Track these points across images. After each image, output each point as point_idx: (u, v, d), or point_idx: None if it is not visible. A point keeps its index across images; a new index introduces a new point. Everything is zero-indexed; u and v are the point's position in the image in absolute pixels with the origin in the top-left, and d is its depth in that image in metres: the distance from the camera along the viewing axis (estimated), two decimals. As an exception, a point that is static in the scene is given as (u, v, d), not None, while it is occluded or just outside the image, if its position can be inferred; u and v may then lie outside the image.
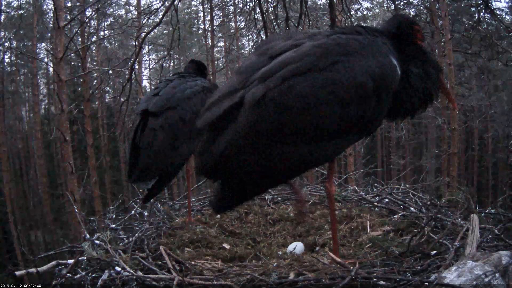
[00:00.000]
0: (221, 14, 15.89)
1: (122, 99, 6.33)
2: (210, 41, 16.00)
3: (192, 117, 2.81)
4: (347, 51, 1.96)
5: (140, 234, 2.88)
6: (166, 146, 2.80)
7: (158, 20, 5.91)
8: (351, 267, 2.01)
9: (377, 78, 1.95)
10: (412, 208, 3.18)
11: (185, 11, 20.32)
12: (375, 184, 3.87)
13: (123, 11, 17.67)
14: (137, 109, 3.13)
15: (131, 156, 2.90)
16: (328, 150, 2.00)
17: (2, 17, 15.16)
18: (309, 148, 1.94)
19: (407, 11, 13.32)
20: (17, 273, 2.54)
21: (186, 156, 3.02)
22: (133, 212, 3.39)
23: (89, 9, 10.45)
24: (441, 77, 2.29)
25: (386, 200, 3.49)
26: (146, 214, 3.39)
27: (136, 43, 6.16)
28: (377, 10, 18.31)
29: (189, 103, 2.89)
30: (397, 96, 2.11)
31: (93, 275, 2.29)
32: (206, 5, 16.41)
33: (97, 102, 17.98)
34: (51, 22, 13.62)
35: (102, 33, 15.17)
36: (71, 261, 2.51)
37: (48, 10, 15.59)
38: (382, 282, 1.90)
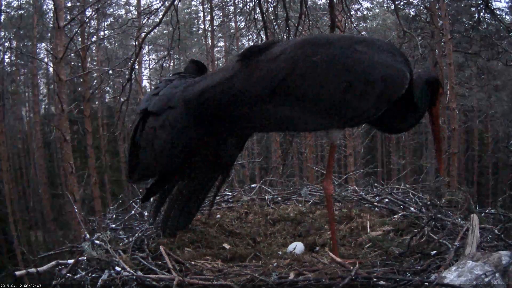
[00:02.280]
0: (221, 14, 15.92)
1: (122, 99, 6.31)
2: (210, 41, 16.01)
3: None
4: (369, 46, 2.08)
5: (140, 234, 2.88)
6: (167, 145, 2.78)
7: (158, 20, 5.90)
8: (351, 267, 2.01)
9: (387, 79, 2.03)
10: (412, 208, 3.18)
11: (185, 11, 20.32)
12: (375, 184, 3.87)
13: (123, 11, 17.69)
14: (137, 108, 3.11)
15: (130, 156, 2.88)
16: (312, 120, 2.08)
17: (2, 17, 15.17)
18: (297, 111, 2.04)
19: (407, 11, 13.33)
20: (17, 273, 2.54)
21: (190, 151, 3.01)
22: (133, 212, 3.39)
23: (89, 9, 10.44)
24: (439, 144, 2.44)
25: (386, 200, 3.48)
26: (146, 214, 3.38)
27: (136, 43, 6.15)
28: (377, 10, 18.34)
29: None
30: (392, 109, 2.16)
31: (93, 275, 2.28)
32: (206, 5, 16.43)
33: (97, 102, 17.98)
34: (51, 22, 13.64)
35: (102, 33, 15.19)
36: (71, 261, 2.51)
37: (48, 10, 15.62)
38: (382, 282, 1.90)
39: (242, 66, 2.14)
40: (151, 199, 3.30)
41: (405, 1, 12.87)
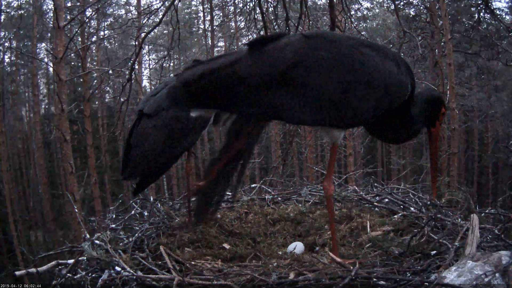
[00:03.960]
0: (221, 14, 15.92)
1: (122, 99, 6.32)
2: (210, 41, 16.02)
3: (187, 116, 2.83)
4: (376, 51, 2.07)
5: (140, 234, 2.88)
6: (158, 145, 2.82)
7: (158, 20, 5.90)
8: (351, 267, 2.01)
9: (388, 85, 2.04)
10: (412, 208, 3.18)
11: (185, 11, 20.33)
12: (375, 184, 3.87)
13: (123, 11, 17.69)
14: (136, 109, 3.18)
15: (124, 154, 2.93)
16: (309, 114, 2.04)
17: (2, 17, 15.17)
18: (297, 102, 2.01)
19: (407, 11, 13.33)
20: (17, 273, 2.54)
21: (178, 154, 3.04)
22: (133, 212, 3.39)
23: (89, 9, 10.43)
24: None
25: (386, 200, 3.48)
26: (146, 214, 3.39)
27: (136, 43, 6.15)
28: (377, 10, 18.35)
29: None
30: (388, 118, 2.17)
31: (93, 275, 2.28)
32: (206, 5, 16.44)
33: (97, 102, 18.00)
34: (51, 22, 13.63)
35: (102, 33, 15.19)
36: (71, 261, 2.51)
37: (48, 10, 15.61)
38: (382, 282, 1.90)
39: (248, 53, 2.12)
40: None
41: (405, 1, 12.88)
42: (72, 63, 16.20)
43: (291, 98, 2.02)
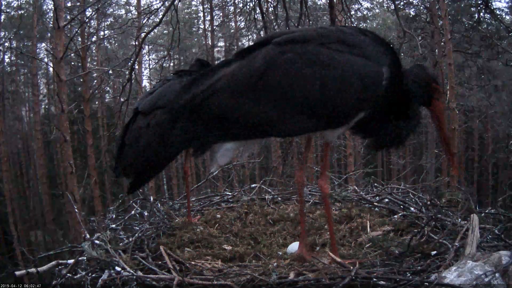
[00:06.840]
0: (221, 14, 15.93)
1: (122, 99, 6.33)
2: (210, 41, 16.03)
3: None
4: (344, 43, 2.01)
5: (140, 234, 2.88)
6: (152, 144, 2.81)
7: (158, 20, 5.91)
8: (351, 267, 2.01)
9: (361, 77, 1.96)
10: (412, 208, 3.18)
11: (185, 11, 20.33)
12: (375, 184, 3.87)
13: (123, 11, 17.72)
14: (132, 107, 3.18)
15: (117, 152, 2.92)
16: (292, 122, 2.01)
17: (2, 17, 15.16)
18: (277, 111, 1.99)
19: (407, 11, 13.33)
20: (17, 273, 2.54)
21: (173, 155, 3.03)
22: (133, 212, 3.39)
23: (89, 9, 10.44)
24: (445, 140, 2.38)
25: (386, 200, 3.48)
26: (146, 214, 3.39)
27: (136, 43, 6.18)
28: (377, 10, 18.35)
29: None
30: (385, 112, 2.12)
31: (93, 275, 2.29)
32: (206, 5, 16.45)
33: (97, 102, 17.99)
34: (51, 22, 13.62)
35: (102, 33, 15.20)
36: (71, 261, 2.51)
37: (48, 10, 15.63)
38: (382, 282, 1.90)
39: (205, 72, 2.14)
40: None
41: (405, 1, 12.88)
42: (72, 63, 16.20)
43: (272, 108, 1.98)
